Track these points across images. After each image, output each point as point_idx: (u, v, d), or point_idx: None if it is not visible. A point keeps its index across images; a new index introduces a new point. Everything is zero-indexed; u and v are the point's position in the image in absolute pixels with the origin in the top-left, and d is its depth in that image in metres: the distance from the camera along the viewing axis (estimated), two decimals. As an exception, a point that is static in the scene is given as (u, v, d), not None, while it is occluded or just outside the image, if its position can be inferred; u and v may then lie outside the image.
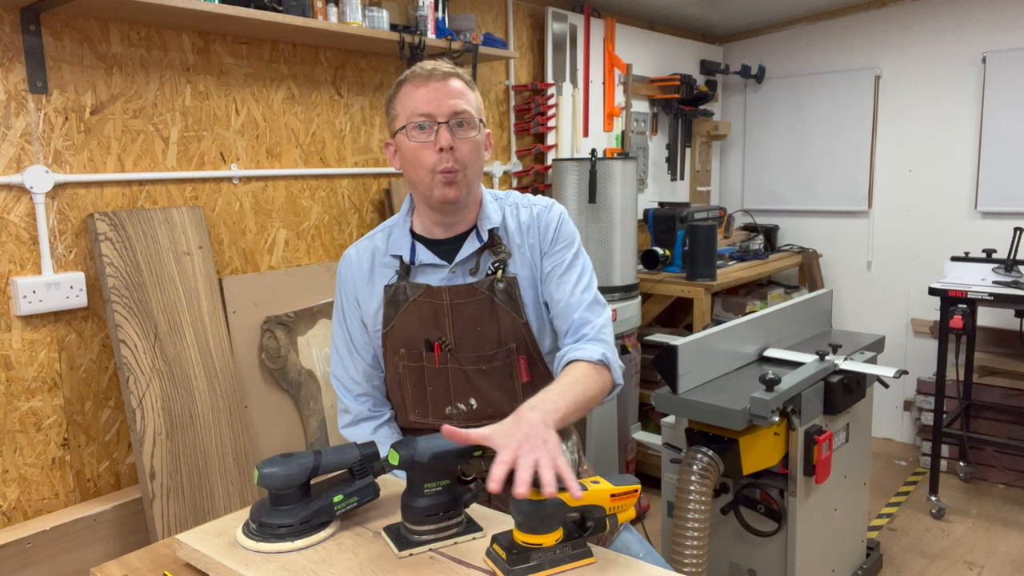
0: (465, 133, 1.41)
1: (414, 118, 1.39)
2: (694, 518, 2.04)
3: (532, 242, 1.51)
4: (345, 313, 1.58)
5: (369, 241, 1.58)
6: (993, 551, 2.98)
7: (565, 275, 1.50)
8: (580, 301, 1.48)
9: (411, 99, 1.40)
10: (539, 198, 1.57)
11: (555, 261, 1.51)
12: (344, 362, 1.59)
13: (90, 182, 2.09)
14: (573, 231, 1.55)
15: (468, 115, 1.41)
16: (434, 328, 1.48)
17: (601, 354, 1.42)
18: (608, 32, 3.71)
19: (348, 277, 1.57)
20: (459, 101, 1.40)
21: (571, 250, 1.52)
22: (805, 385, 2.17)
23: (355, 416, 1.58)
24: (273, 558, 1.14)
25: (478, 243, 1.49)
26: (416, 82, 1.41)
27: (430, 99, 1.39)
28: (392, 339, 1.51)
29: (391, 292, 1.50)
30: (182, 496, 2.10)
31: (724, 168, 4.72)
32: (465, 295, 1.46)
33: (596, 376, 1.39)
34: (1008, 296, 3.03)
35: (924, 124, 3.97)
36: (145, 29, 2.18)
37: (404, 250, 1.51)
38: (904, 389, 4.05)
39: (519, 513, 1.08)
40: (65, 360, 2.07)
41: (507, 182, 3.42)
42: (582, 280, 1.51)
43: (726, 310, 3.88)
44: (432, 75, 1.40)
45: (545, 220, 1.52)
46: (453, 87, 1.41)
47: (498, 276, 1.47)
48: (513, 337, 1.48)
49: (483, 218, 1.50)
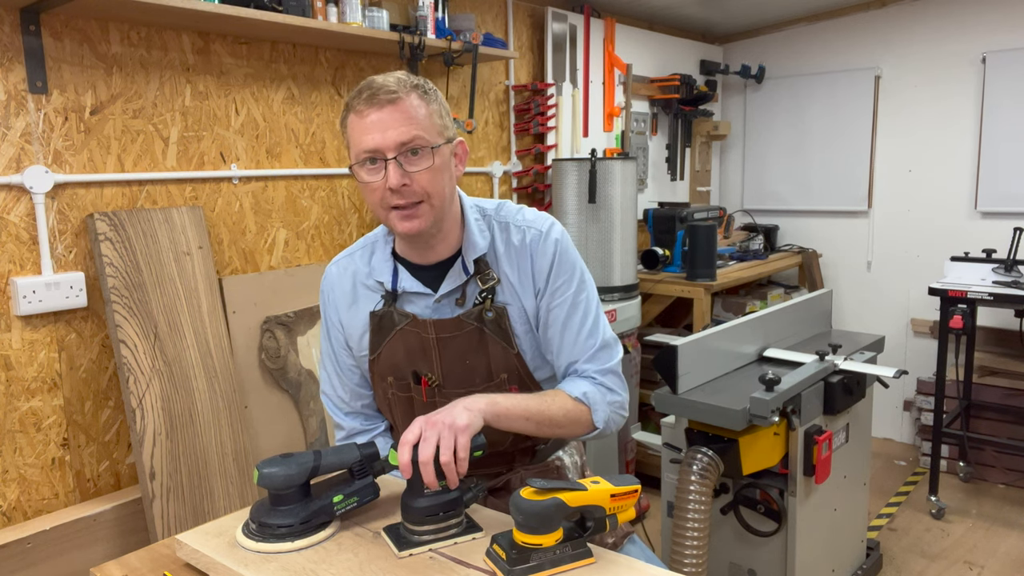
0: (419, 163, 1.26)
1: (362, 155, 1.26)
2: (694, 518, 2.04)
3: (524, 270, 1.38)
4: (330, 334, 1.51)
5: (350, 259, 1.48)
6: (993, 551, 2.98)
7: (568, 320, 1.38)
8: (584, 350, 1.39)
9: (357, 130, 1.26)
10: (533, 216, 1.42)
11: (556, 302, 1.38)
12: (332, 381, 1.54)
13: (90, 182, 2.09)
14: (573, 259, 1.41)
15: (421, 140, 1.25)
16: (421, 360, 1.40)
17: (582, 393, 1.35)
18: (608, 32, 3.71)
19: (331, 298, 1.50)
20: (407, 128, 1.24)
21: (571, 286, 1.38)
22: (805, 385, 2.17)
23: (349, 432, 1.56)
24: (273, 558, 1.14)
25: (464, 275, 1.37)
26: (360, 110, 1.25)
27: (374, 131, 1.24)
28: (379, 366, 1.45)
29: (377, 319, 1.42)
30: (182, 496, 2.10)
31: (724, 168, 4.72)
32: (452, 329, 1.37)
33: (569, 406, 1.34)
34: (1008, 296, 3.03)
35: (924, 124, 3.97)
36: (145, 29, 2.18)
37: (386, 276, 1.41)
38: (904, 389, 4.05)
39: (519, 513, 1.08)
40: (65, 360, 2.07)
41: (507, 182, 3.42)
42: (586, 322, 1.39)
43: (726, 310, 3.88)
44: (374, 100, 1.24)
45: (540, 250, 1.37)
46: (400, 112, 1.24)
47: (486, 306, 1.36)
48: (504, 367, 1.39)
49: (468, 246, 1.37)
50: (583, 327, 1.39)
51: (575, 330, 1.39)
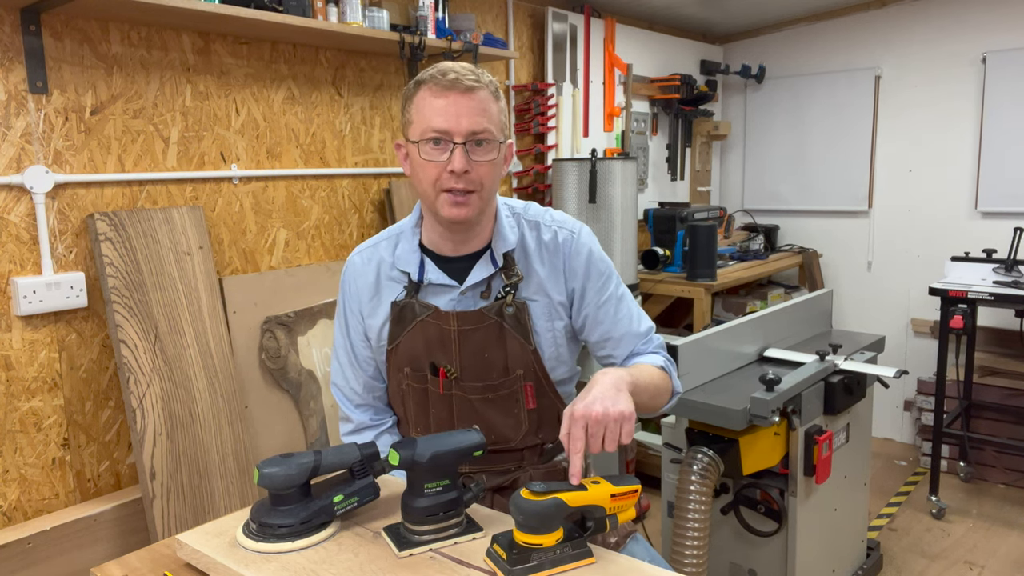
0: (483, 154, 1.31)
1: (429, 133, 1.29)
2: (694, 518, 2.04)
3: (556, 267, 1.43)
4: (348, 324, 1.52)
5: (374, 250, 1.49)
6: (993, 551, 2.98)
7: (618, 313, 1.46)
8: (641, 335, 1.48)
9: (429, 108, 1.29)
10: (563, 217, 1.48)
11: (603, 298, 1.45)
12: (345, 372, 1.54)
13: (90, 182, 2.09)
14: (606, 258, 1.48)
15: (488, 134, 1.30)
16: (440, 352, 1.42)
17: (661, 364, 1.45)
18: (608, 32, 3.71)
19: (353, 288, 1.50)
20: (480, 119, 1.29)
21: (612, 281, 1.46)
22: (805, 385, 2.17)
23: (357, 425, 1.56)
24: (273, 558, 1.14)
25: (492, 268, 1.40)
26: (436, 89, 1.29)
27: (448, 114, 1.28)
28: (396, 357, 1.46)
29: (399, 309, 1.43)
30: (182, 496, 2.10)
31: (724, 168, 4.72)
32: (474, 321, 1.39)
33: (659, 376, 1.42)
34: (1008, 296, 3.03)
35: (924, 124, 3.97)
36: (145, 29, 2.18)
37: (412, 267, 1.43)
38: (904, 389, 4.05)
39: (519, 513, 1.09)
40: (65, 360, 2.07)
41: (507, 182, 3.42)
42: (633, 311, 1.48)
43: (726, 310, 3.88)
44: (454, 85, 1.28)
45: (574, 249, 1.43)
46: (476, 102, 1.29)
47: (508, 300, 1.39)
48: (520, 363, 1.41)
49: (499, 239, 1.41)
50: (632, 316, 1.48)
51: (628, 320, 1.47)
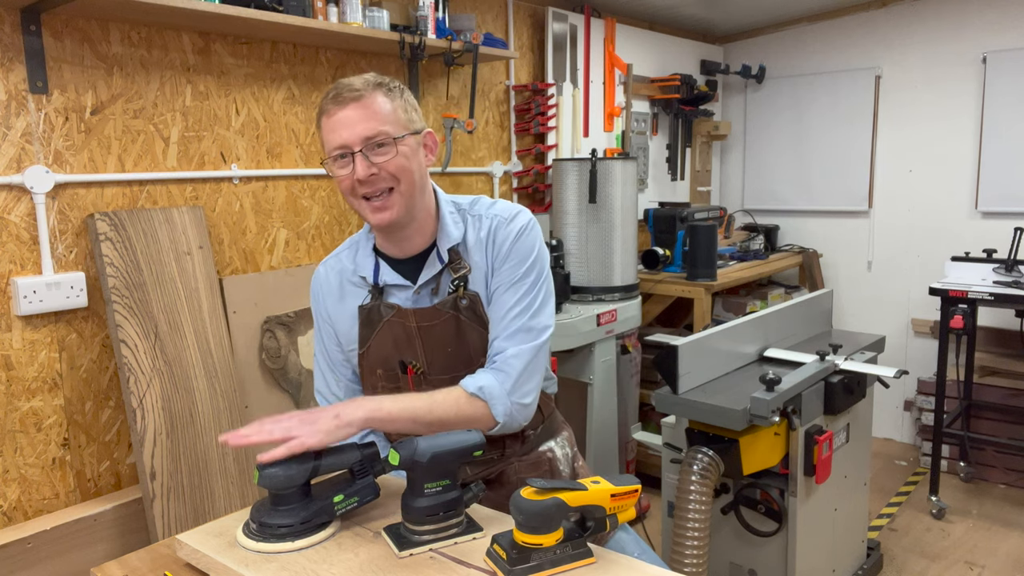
0: (384, 154, 1.34)
1: (333, 151, 1.36)
2: (694, 518, 2.04)
3: (488, 255, 1.45)
4: (321, 331, 1.57)
5: (336, 260, 1.56)
6: (993, 551, 2.98)
7: (505, 294, 1.42)
8: (507, 327, 1.41)
9: (327, 128, 1.36)
10: (503, 207, 1.48)
11: (500, 280, 1.43)
12: (325, 377, 1.59)
13: (90, 182, 2.09)
14: (532, 246, 1.44)
15: (383, 135, 1.34)
16: (407, 349, 1.46)
17: (478, 387, 1.36)
18: (608, 32, 3.71)
19: (319, 296, 1.56)
20: (371, 123, 1.33)
21: (521, 266, 1.43)
22: (805, 385, 2.17)
23: None
24: (273, 558, 1.14)
25: (439, 265, 1.44)
26: (329, 110, 1.36)
27: (341, 128, 1.34)
28: (368, 360, 1.50)
29: (366, 312, 1.48)
30: (182, 496, 2.10)
31: (724, 168, 4.72)
32: (431, 317, 1.43)
33: (462, 403, 1.35)
34: (1008, 296, 3.03)
35: (924, 124, 3.97)
36: (145, 29, 2.18)
37: (368, 271, 1.48)
38: (904, 389, 4.05)
39: (519, 513, 1.09)
40: (65, 360, 2.07)
41: (507, 182, 3.42)
42: (521, 301, 1.42)
43: (726, 310, 3.88)
44: (339, 100, 1.34)
45: (502, 235, 1.44)
46: (363, 108, 1.33)
47: (459, 294, 1.42)
48: (483, 353, 1.44)
49: (443, 236, 1.45)
50: (516, 305, 1.42)
51: (507, 304, 1.42)
